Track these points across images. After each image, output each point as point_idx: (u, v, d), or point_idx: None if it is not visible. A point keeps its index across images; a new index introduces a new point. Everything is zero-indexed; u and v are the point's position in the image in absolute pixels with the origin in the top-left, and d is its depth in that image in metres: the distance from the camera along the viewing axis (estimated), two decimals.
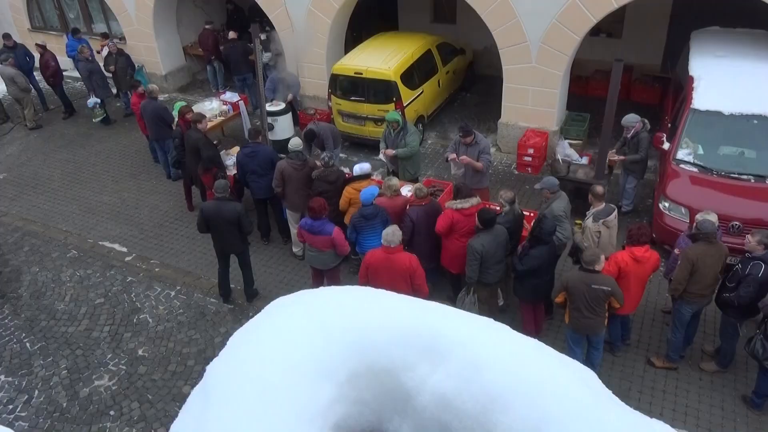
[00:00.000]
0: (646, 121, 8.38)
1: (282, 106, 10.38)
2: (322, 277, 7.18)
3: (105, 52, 12.47)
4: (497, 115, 10.68)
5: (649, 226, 6.43)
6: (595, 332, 6.01)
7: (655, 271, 6.17)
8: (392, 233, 5.99)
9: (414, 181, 8.57)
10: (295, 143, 7.91)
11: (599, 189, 6.64)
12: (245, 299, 7.80)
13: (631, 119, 8.24)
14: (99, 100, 12.34)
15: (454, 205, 6.66)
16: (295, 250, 8.42)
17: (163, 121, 9.82)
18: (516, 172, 9.97)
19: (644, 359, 6.67)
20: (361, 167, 7.57)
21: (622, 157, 8.29)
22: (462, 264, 6.77)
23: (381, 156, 8.70)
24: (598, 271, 5.78)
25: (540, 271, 6.30)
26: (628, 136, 8.28)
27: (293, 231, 8.13)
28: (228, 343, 3.06)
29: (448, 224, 6.67)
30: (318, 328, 2.97)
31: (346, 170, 7.81)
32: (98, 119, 12.49)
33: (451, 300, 7.20)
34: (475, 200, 6.70)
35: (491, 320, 3.22)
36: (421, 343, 2.93)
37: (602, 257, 5.80)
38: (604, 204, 6.61)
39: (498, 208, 7.02)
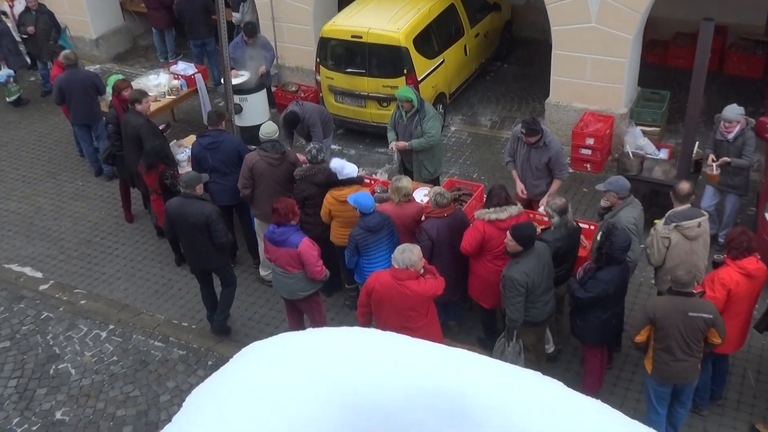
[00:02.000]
0: (749, 118, 7.93)
1: (247, 76, 10.39)
2: (299, 313, 7.16)
3: (19, 8, 12.55)
4: (544, 92, 10.67)
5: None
6: (687, 379, 6.00)
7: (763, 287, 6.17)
8: (403, 252, 5.99)
9: (433, 182, 8.58)
10: (269, 129, 7.93)
11: (684, 186, 6.61)
12: (215, 332, 7.83)
13: (734, 112, 7.73)
14: (12, 72, 12.40)
15: (486, 215, 6.65)
16: (263, 273, 8.43)
17: (99, 94, 9.86)
18: (570, 170, 9.97)
19: (747, 425, 6.63)
20: (341, 168, 7.56)
21: (726, 159, 7.74)
22: (496, 295, 6.74)
23: (391, 148, 8.72)
24: (694, 294, 5.77)
25: (608, 301, 6.28)
26: (730, 137, 7.76)
27: (261, 250, 8.15)
28: (184, 405, 3.05)
29: (478, 241, 6.65)
30: (305, 386, 2.96)
31: None
32: (13, 98, 12.53)
33: (483, 343, 7.19)
34: (514, 209, 6.69)
35: (538, 374, 3.20)
36: (445, 406, 2.90)
37: (697, 276, 5.82)
38: (688, 206, 6.60)
39: (546, 219, 7.01)
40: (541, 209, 7.23)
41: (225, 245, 7.40)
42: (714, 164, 7.76)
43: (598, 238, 6.30)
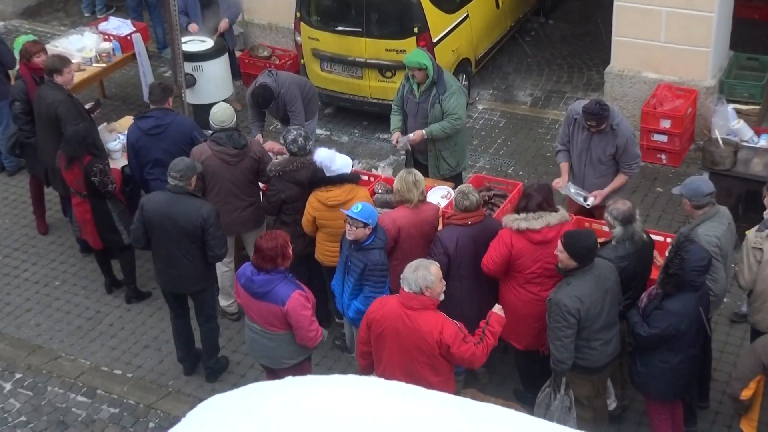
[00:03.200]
0: None
1: (210, 43, 10.43)
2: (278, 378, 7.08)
3: None
4: (603, 58, 10.68)
5: None
6: None
7: None
8: (416, 270, 5.96)
9: (454, 180, 8.60)
10: (224, 116, 7.93)
11: None
12: (209, 380, 7.84)
13: None
14: None
15: (515, 222, 6.66)
16: (223, 303, 8.42)
17: (2, 66, 9.86)
18: (640, 163, 9.96)
19: None
20: (330, 161, 7.52)
21: None
22: (533, 333, 6.74)
23: (394, 141, 8.72)
24: None
25: (680, 340, 6.26)
26: None
27: (220, 272, 8.16)
28: None
29: (504, 257, 6.65)
30: None
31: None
32: None
33: (521, 397, 7.21)
34: (554, 217, 6.69)
35: None
36: None
37: None
38: None
39: (606, 229, 7.00)
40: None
41: (220, 258, 7.48)
42: None
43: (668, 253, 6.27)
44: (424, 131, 8.40)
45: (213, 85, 10.33)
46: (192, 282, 7.47)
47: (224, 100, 9.53)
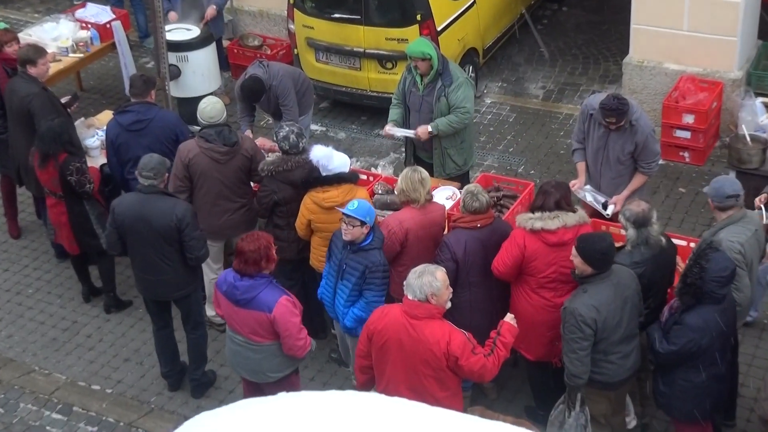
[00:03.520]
0: None
1: (196, 32, 10.43)
2: (261, 392, 7.03)
3: None
4: (621, 48, 10.70)
5: None
6: None
7: None
8: (421, 275, 5.95)
9: (461, 179, 8.61)
10: (213, 111, 7.91)
11: None
12: (195, 395, 7.84)
13: None
14: None
15: (530, 221, 6.66)
16: (210, 313, 8.42)
17: None
18: (660, 162, 9.96)
19: None
20: (327, 160, 7.53)
21: None
22: (545, 342, 6.76)
23: (386, 132, 8.74)
24: None
25: (702, 357, 6.23)
26: None
27: (207, 279, 8.18)
28: None
29: (515, 258, 6.65)
30: None
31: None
32: None
33: (533, 415, 7.21)
34: (571, 217, 6.69)
35: None
36: None
37: None
38: None
39: (622, 233, 7.00)
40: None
41: (201, 260, 7.45)
42: (763, 206, 7.52)
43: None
44: (429, 127, 8.38)
45: (199, 77, 10.32)
46: (173, 288, 7.45)
47: (212, 94, 9.54)
